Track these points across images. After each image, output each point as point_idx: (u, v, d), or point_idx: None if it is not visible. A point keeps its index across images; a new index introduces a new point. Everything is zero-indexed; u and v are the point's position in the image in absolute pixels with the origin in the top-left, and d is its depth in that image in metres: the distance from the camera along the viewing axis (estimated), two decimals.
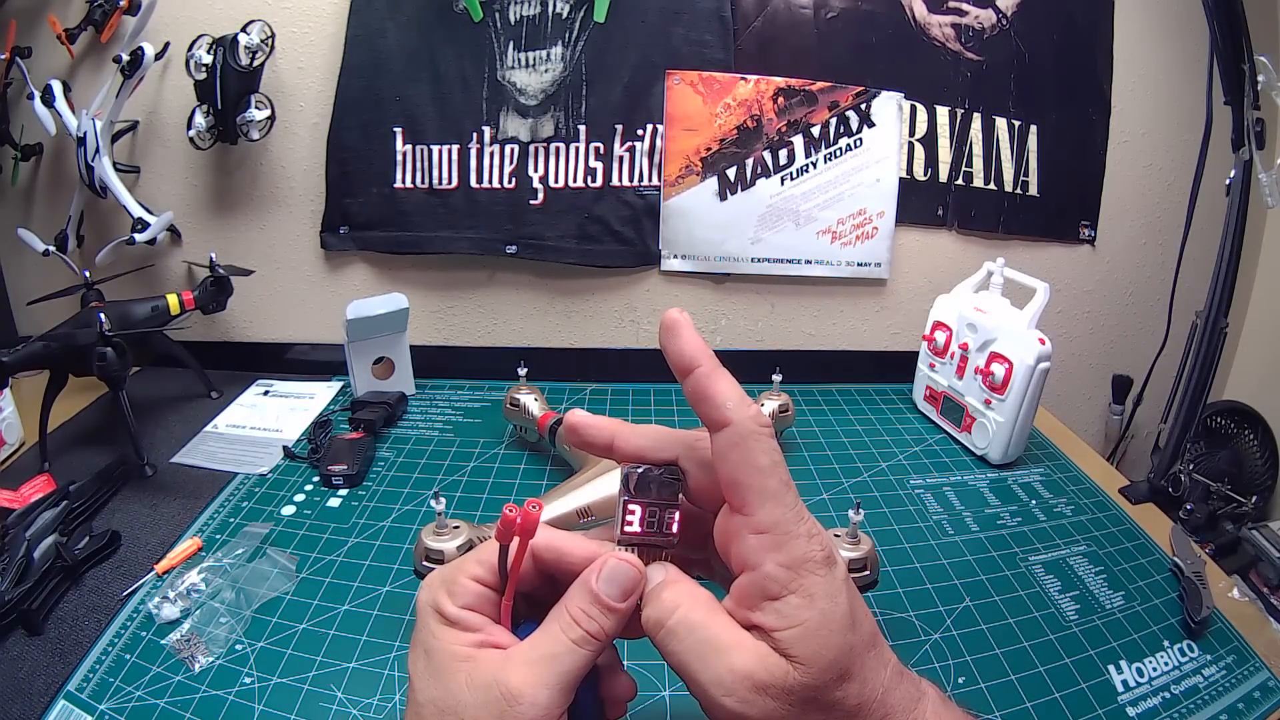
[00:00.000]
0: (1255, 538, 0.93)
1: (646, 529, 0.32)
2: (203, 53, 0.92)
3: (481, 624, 0.32)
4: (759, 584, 0.29)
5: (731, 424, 0.30)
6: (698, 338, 0.32)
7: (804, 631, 0.28)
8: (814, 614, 0.29)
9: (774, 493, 0.30)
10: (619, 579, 0.31)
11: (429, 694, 0.30)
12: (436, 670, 0.30)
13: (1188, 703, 0.54)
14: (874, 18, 1.00)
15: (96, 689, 0.52)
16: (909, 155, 1.04)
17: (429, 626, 0.32)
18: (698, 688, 0.30)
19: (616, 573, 0.31)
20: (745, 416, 0.30)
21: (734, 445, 0.30)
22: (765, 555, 0.29)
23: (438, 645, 0.31)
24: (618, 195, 1.01)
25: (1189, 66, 1.04)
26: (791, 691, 0.28)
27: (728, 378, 0.31)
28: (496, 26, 0.96)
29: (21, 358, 0.76)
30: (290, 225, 1.03)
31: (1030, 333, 0.80)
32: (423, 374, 1.00)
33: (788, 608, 0.29)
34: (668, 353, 0.32)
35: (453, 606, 0.32)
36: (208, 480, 0.78)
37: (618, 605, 0.31)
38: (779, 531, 0.29)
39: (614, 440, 0.33)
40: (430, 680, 0.31)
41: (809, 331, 1.10)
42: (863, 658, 0.29)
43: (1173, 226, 1.09)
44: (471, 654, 0.31)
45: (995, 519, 0.75)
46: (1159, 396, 0.93)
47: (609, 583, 0.31)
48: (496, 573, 0.32)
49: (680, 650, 0.30)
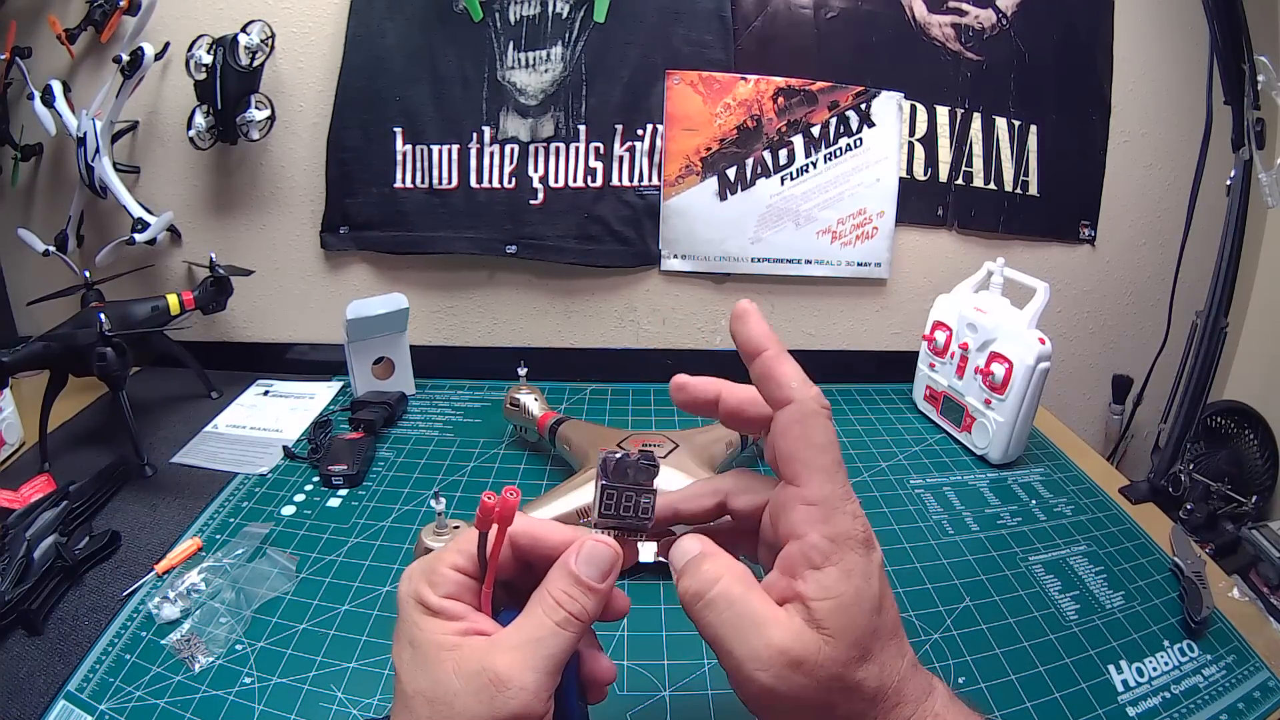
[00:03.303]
0: (1255, 538, 0.93)
1: (623, 512, 0.34)
2: (203, 53, 0.92)
3: (464, 612, 0.32)
4: (804, 553, 0.31)
5: (794, 402, 0.32)
6: (764, 324, 0.34)
7: (838, 605, 0.30)
8: (849, 589, 0.30)
9: (826, 469, 0.31)
10: (597, 560, 0.33)
11: (417, 685, 0.31)
12: (423, 661, 0.31)
13: (1188, 703, 0.54)
14: (874, 18, 1.00)
15: (96, 689, 0.52)
16: (909, 155, 1.04)
17: (412, 618, 0.32)
18: (731, 660, 0.31)
19: (594, 554, 0.33)
20: (807, 396, 0.32)
21: (795, 421, 0.32)
22: (813, 526, 0.31)
23: (422, 636, 0.31)
24: (618, 195, 1.01)
25: (1189, 66, 1.04)
26: (821, 667, 0.29)
27: (792, 362, 0.33)
28: (496, 26, 0.96)
29: (21, 358, 0.76)
30: (290, 225, 1.03)
31: (1030, 333, 0.80)
32: (423, 374, 1.00)
33: (827, 579, 0.30)
34: (737, 337, 0.34)
35: (434, 596, 0.32)
36: (208, 480, 0.78)
37: (597, 585, 0.32)
38: (827, 505, 0.31)
39: (720, 395, 0.35)
40: (417, 671, 0.31)
41: (809, 331, 1.10)
42: (884, 643, 0.31)
43: (1173, 226, 1.09)
44: (457, 642, 0.31)
45: (995, 519, 0.75)
46: (1159, 396, 0.93)
47: (588, 564, 0.32)
48: (476, 560, 0.33)
49: (718, 623, 0.31)
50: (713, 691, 0.53)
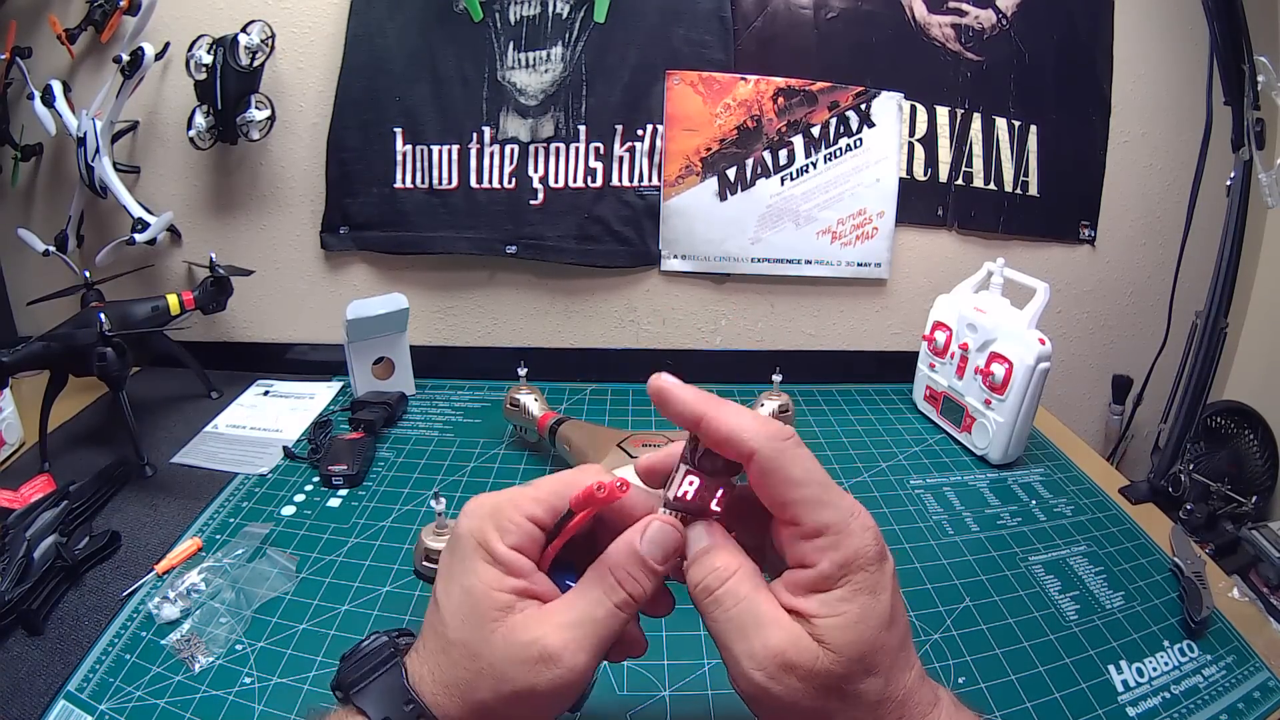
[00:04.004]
0: (1255, 538, 0.93)
1: (697, 499, 0.33)
2: (203, 53, 0.92)
3: (527, 570, 0.32)
4: (810, 578, 0.30)
5: (755, 453, 0.30)
6: (688, 390, 0.32)
7: (842, 622, 0.29)
8: (855, 607, 0.30)
9: (816, 499, 0.30)
10: (663, 541, 0.32)
11: (461, 635, 0.30)
12: (473, 614, 0.30)
13: (1188, 703, 0.54)
14: (874, 18, 1.00)
15: (96, 689, 0.52)
16: (909, 155, 1.04)
17: (472, 563, 0.31)
18: (729, 656, 0.31)
19: (661, 535, 0.32)
20: (764, 440, 0.30)
21: (766, 472, 0.31)
22: (822, 555, 0.30)
23: (479, 586, 0.31)
24: (618, 195, 1.01)
25: (1189, 66, 1.04)
26: (816, 676, 0.29)
27: (734, 409, 0.32)
28: (496, 26, 0.96)
29: (21, 358, 0.76)
30: (290, 225, 1.03)
31: (1030, 333, 0.80)
32: (423, 374, 1.00)
33: (831, 598, 0.30)
34: (670, 418, 0.33)
35: (501, 545, 0.31)
36: (208, 480, 0.78)
37: (659, 567, 0.32)
38: (833, 533, 0.30)
39: (701, 422, 0.32)
40: (464, 623, 0.30)
41: (809, 331, 1.10)
42: (892, 656, 0.30)
43: (1173, 226, 1.09)
44: (512, 603, 0.30)
45: (995, 519, 0.75)
46: (1159, 396, 0.93)
47: (653, 544, 0.32)
48: (550, 514, 0.32)
49: (722, 619, 0.31)
50: (713, 691, 0.53)
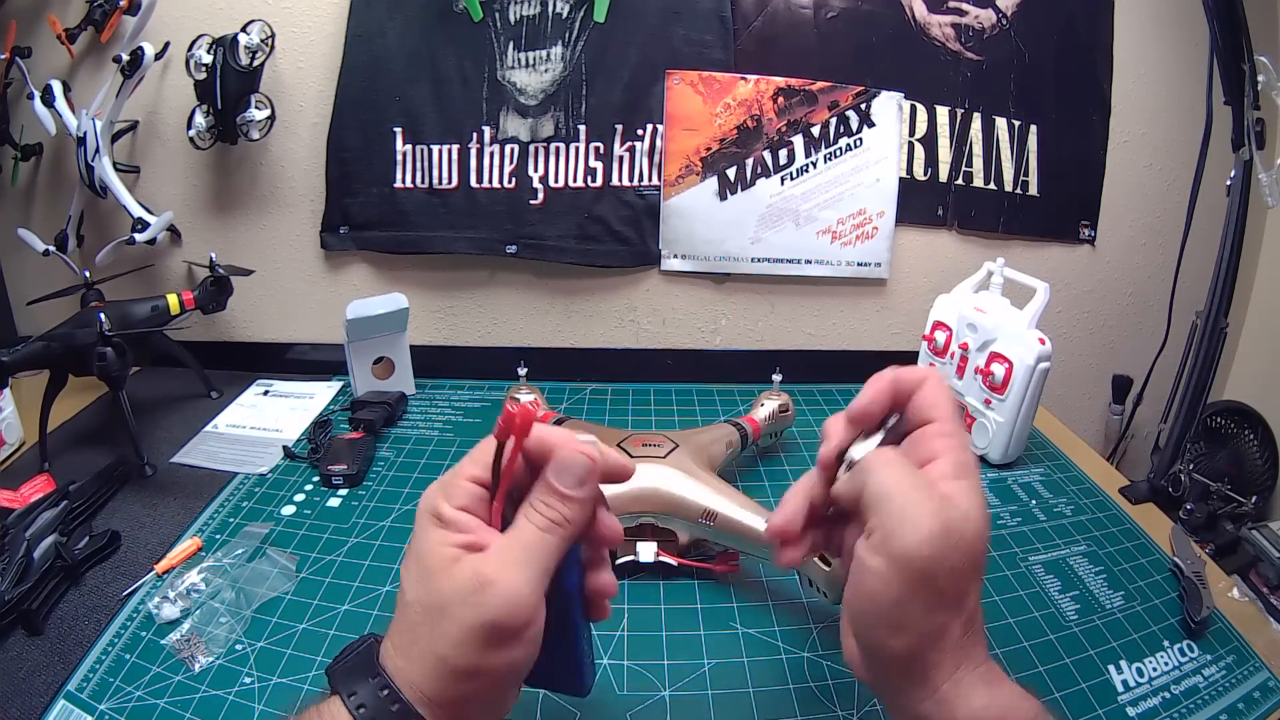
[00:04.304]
0: (1255, 538, 0.93)
1: None
2: (203, 53, 0.92)
3: (472, 525, 0.33)
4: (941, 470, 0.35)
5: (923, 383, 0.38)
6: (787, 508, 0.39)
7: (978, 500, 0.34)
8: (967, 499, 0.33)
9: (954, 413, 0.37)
10: (570, 468, 0.34)
11: (415, 594, 0.32)
12: (425, 572, 0.32)
13: (1188, 703, 0.54)
14: (874, 18, 1.00)
15: (96, 689, 0.52)
16: (909, 155, 1.04)
17: (423, 530, 0.33)
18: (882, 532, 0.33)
19: (566, 462, 0.34)
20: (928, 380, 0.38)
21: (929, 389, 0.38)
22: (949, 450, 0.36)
23: (428, 548, 0.32)
24: (618, 195, 1.01)
25: (1189, 66, 1.04)
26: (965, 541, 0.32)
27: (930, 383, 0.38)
28: (496, 26, 0.96)
29: (21, 358, 0.76)
30: (290, 225, 1.03)
31: (1030, 333, 0.80)
32: (423, 374, 1.00)
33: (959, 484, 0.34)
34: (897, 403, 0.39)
35: (448, 508, 0.33)
36: (208, 480, 0.78)
37: (572, 493, 0.33)
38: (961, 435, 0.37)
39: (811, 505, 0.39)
40: (417, 582, 0.32)
41: (809, 331, 1.10)
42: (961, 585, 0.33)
43: (1173, 226, 1.09)
44: (458, 555, 0.32)
45: (995, 519, 0.75)
46: (1159, 396, 0.93)
47: (559, 472, 0.33)
48: (490, 470, 0.34)
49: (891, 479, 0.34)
50: (713, 691, 0.53)
